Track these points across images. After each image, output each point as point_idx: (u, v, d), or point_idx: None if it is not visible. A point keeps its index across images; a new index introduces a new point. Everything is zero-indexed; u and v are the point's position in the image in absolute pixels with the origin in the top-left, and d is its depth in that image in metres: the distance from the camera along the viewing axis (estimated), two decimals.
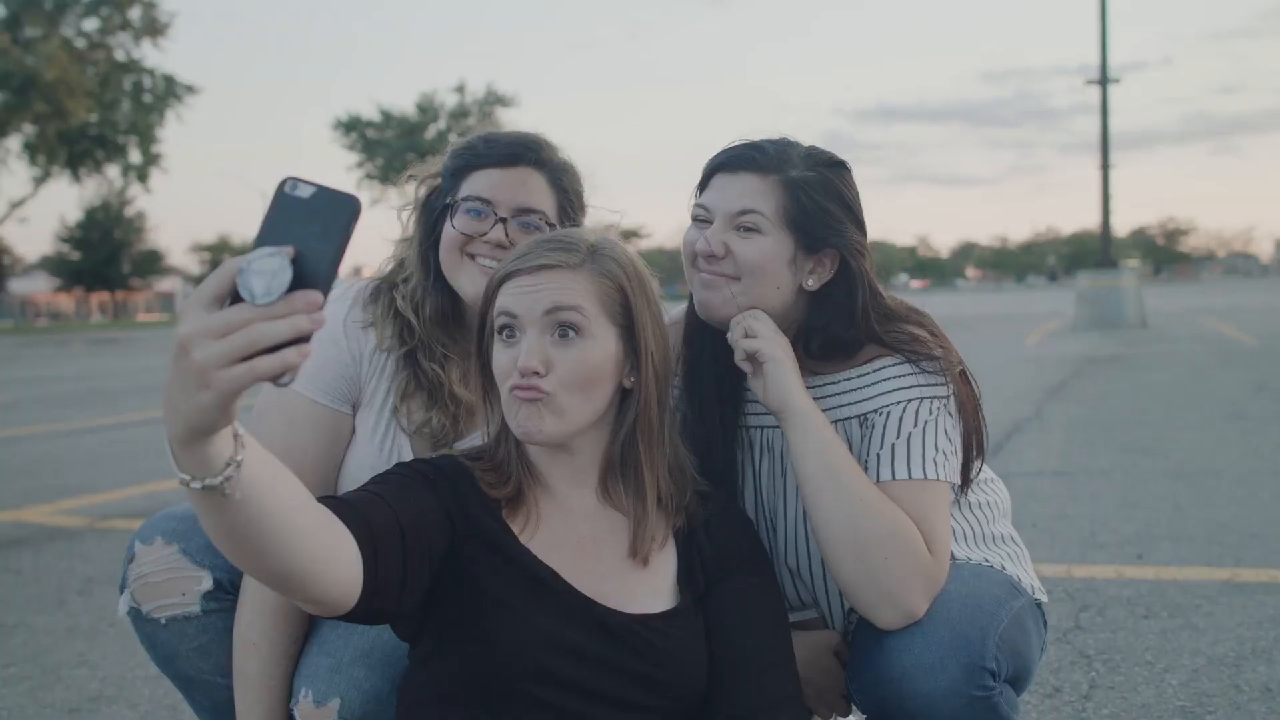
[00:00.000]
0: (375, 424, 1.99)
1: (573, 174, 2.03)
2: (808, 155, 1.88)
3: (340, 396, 1.99)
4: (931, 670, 1.67)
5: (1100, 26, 24.64)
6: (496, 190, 1.94)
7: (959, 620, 1.71)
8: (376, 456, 1.98)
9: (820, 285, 1.88)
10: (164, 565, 1.91)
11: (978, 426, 1.90)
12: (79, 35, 50.62)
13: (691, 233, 1.91)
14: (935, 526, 1.75)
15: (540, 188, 1.96)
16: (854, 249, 1.87)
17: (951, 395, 1.85)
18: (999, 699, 1.71)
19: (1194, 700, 2.90)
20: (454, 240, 1.94)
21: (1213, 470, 6.18)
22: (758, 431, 1.99)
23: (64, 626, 3.90)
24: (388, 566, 1.43)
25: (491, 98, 65.54)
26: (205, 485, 1.12)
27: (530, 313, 1.57)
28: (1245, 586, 3.92)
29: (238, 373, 1.04)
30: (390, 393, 2.00)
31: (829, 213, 1.85)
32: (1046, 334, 22.03)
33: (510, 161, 1.95)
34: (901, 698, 1.68)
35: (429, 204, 2.04)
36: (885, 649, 1.71)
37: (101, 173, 54.94)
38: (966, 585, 1.81)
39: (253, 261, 1.03)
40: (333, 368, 1.97)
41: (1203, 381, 11.18)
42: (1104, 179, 25.48)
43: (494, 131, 2.02)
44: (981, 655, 1.69)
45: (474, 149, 1.98)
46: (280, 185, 1.07)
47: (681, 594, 1.65)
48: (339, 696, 1.81)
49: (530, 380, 1.55)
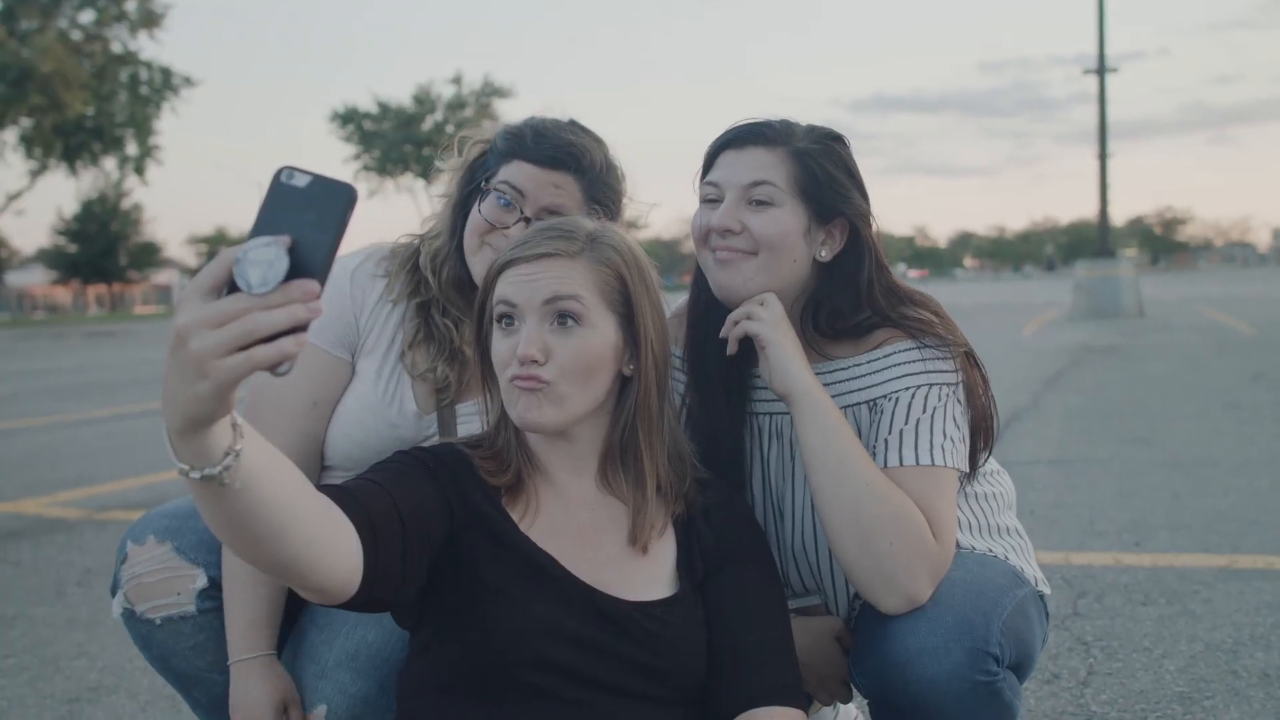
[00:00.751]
0: (380, 367, 2.00)
1: (610, 187, 2.01)
2: (809, 129, 1.90)
3: (334, 339, 1.99)
4: (935, 654, 1.67)
5: (1098, 15, 24.62)
6: (530, 186, 1.93)
7: (963, 606, 1.71)
8: (380, 399, 1.98)
9: (832, 256, 1.89)
10: (157, 565, 1.89)
11: (987, 413, 1.89)
12: (75, 27, 50.46)
13: (702, 213, 1.89)
14: (941, 513, 1.75)
15: (573, 195, 1.94)
16: (863, 216, 1.88)
17: (960, 383, 1.85)
18: (1002, 684, 1.71)
19: (1192, 686, 2.90)
20: (478, 226, 1.95)
21: (1210, 459, 6.18)
22: (767, 418, 1.98)
23: (63, 618, 3.90)
24: (387, 554, 1.43)
25: (488, 89, 65.45)
26: (204, 475, 1.12)
27: (529, 301, 1.57)
28: (1242, 573, 3.93)
29: (235, 362, 1.03)
30: (396, 340, 2.01)
31: (838, 181, 1.86)
32: (1044, 323, 22.02)
33: (552, 165, 1.94)
34: (905, 682, 1.68)
35: (473, 170, 2.04)
36: (889, 633, 1.71)
37: (98, 165, 54.81)
38: (970, 572, 1.81)
39: (249, 251, 1.03)
40: (331, 310, 1.98)
41: (1200, 371, 11.19)
42: (1102, 168, 25.47)
43: (547, 123, 1.99)
44: (985, 640, 1.69)
45: (523, 138, 1.96)
46: (276, 174, 1.07)
47: (681, 581, 1.65)
48: (325, 703, 1.81)
49: (530, 369, 1.55)
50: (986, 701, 1.69)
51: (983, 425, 1.89)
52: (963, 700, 1.67)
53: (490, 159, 2.00)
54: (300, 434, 1.96)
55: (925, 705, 1.68)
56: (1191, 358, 12.73)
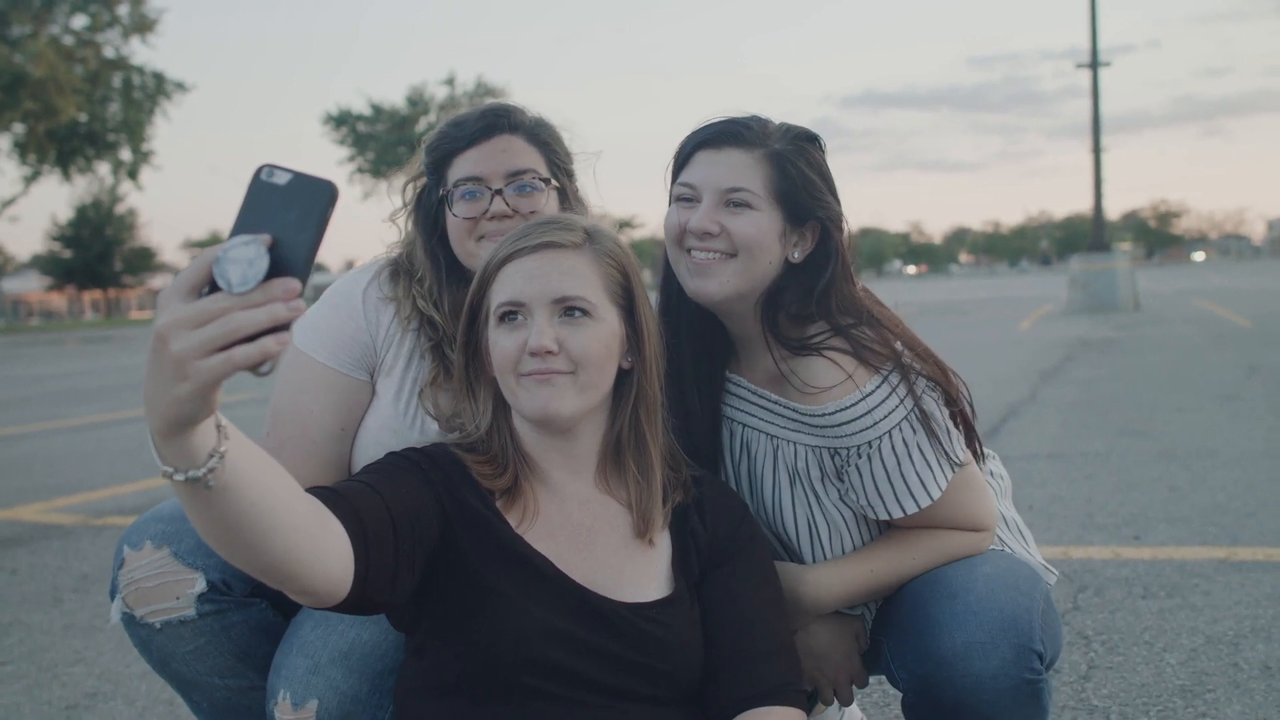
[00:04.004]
0: (399, 390, 2.00)
1: (549, 127, 2.04)
2: (784, 129, 1.89)
3: (354, 363, 1.99)
4: (983, 650, 1.66)
5: (1091, 9, 24.62)
6: (482, 165, 1.95)
7: (1005, 602, 1.72)
8: (400, 420, 1.98)
9: (804, 257, 1.88)
10: (155, 569, 1.88)
11: (955, 398, 1.86)
12: (67, 32, 50.36)
13: (678, 212, 1.88)
14: (973, 510, 1.87)
15: (522, 149, 1.97)
16: (835, 220, 1.87)
17: (912, 410, 1.80)
18: (1043, 686, 1.70)
19: (1193, 679, 2.89)
20: (461, 228, 1.96)
21: (1207, 451, 6.18)
22: (739, 427, 1.97)
23: (60, 624, 3.89)
24: (379, 556, 1.42)
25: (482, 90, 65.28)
26: (188, 477, 1.11)
27: (539, 295, 1.56)
28: (1242, 565, 3.92)
29: (215, 362, 1.02)
30: (414, 361, 2.00)
31: (814, 184, 1.86)
32: (1040, 318, 22.03)
33: (485, 135, 1.96)
34: (951, 677, 1.67)
35: (422, 203, 2.05)
36: (934, 627, 1.71)
37: (92, 170, 54.69)
38: (999, 567, 1.82)
39: (229, 250, 1.02)
40: (348, 334, 1.99)
41: (1196, 364, 11.19)
42: (1096, 162, 25.48)
43: (459, 113, 2.02)
44: (1030, 637, 1.69)
45: (447, 136, 1.99)
46: (257, 172, 1.05)
47: (676, 581, 1.64)
48: (316, 698, 1.79)
49: (546, 362, 1.54)
50: (1028, 701, 1.68)
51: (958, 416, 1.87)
52: (1002, 699, 1.66)
53: (430, 180, 2.03)
54: (326, 463, 1.96)
55: (968, 701, 1.67)
56: (1188, 350, 12.73)
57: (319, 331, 1.99)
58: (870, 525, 1.93)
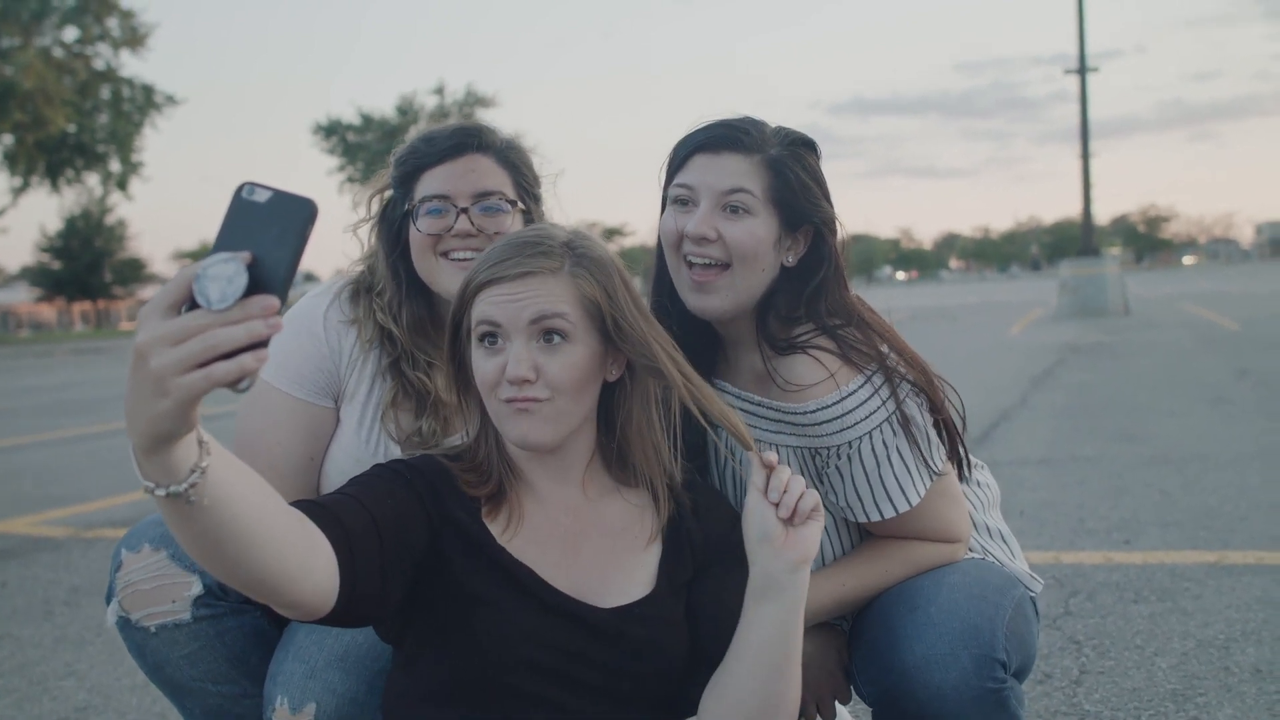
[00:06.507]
0: (361, 417, 2.00)
1: (519, 150, 2.05)
2: (781, 134, 1.88)
3: (319, 390, 1.99)
4: (943, 661, 1.66)
5: (1078, 15, 24.72)
6: (449, 183, 1.96)
7: (967, 612, 1.71)
8: (363, 449, 1.98)
9: (797, 261, 1.88)
10: (153, 572, 1.88)
11: (939, 406, 1.85)
12: (57, 44, 50.32)
13: (676, 217, 1.87)
14: (947, 520, 1.85)
15: (490, 169, 1.98)
16: (830, 224, 1.88)
17: (894, 413, 1.80)
18: (1009, 693, 1.70)
19: (1184, 683, 2.90)
20: (423, 243, 1.96)
21: (1198, 455, 6.20)
22: (724, 432, 1.96)
23: (51, 637, 3.87)
24: (364, 568, 1.42)
25: (471, 99, 65.30)
26: (170, 492, 1.12)
27: (514, 321, 1.55)
28: (1233, 569, 3.93)
29: (193, 379, 1.03)
30: (375, 387, 2.00)
31: (810, 189, 1.86)
32: (1030, 323, 22.09)
33: (455, 153, 1.97)
34: (911, 689, 1.67)
35: (386, 216, 2.06)
36: (894, 640, 1.71)
37: (81, 181, 54.61)
38: (969, 576, 1.81)
39: (208, 267, 1.03)
40: (312, 361, 1.98)
41: (1186, 367, 11.23)
42: (1085, 167, 25.57)
43: (431, 129, 2.03)
44: (992, 646, 1.68)
45: (417, 151, 2.00)
46: (238, 190, 1.06)
47: (659, 579, 1.64)
48: (314, 701, 1.79)
49: (523, 390, 1.54)
50: (993, 710, 1.67)
51: (941, 423, 1.86)
52: (966, 709, 1.65)
53: (397, 193, 2.03)
54: (297, 491, 1.96)
55: (931, 714, 1.66)
56: (1178, 354, 12.77)
57: (279, 359, 1.97)
58: (851, 532, 1.93)
